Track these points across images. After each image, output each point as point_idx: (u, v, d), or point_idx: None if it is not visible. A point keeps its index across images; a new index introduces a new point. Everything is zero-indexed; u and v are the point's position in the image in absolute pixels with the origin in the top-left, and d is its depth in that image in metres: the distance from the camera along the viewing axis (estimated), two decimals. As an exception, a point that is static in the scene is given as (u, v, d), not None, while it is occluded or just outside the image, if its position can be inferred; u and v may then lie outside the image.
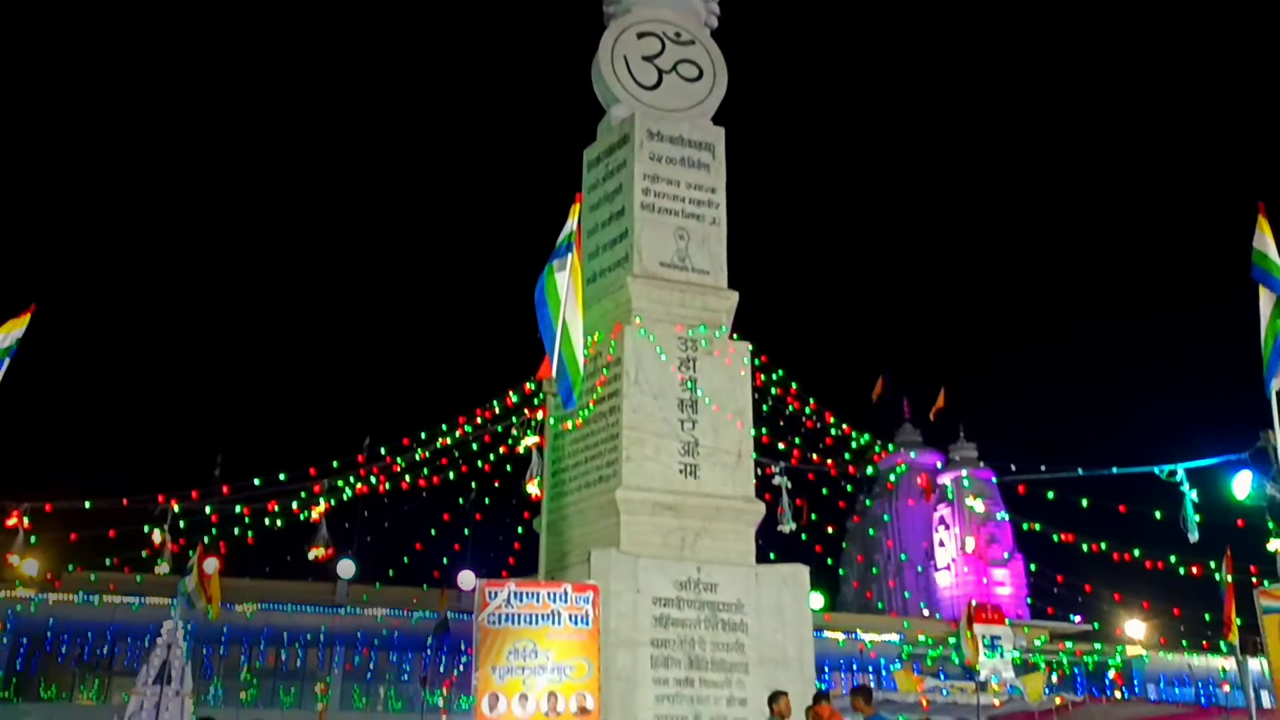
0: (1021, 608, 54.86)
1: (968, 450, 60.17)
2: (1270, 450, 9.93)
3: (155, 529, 18.55)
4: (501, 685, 8.32)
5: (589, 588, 8.88)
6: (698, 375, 15.26)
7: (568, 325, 9.74)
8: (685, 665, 13.44)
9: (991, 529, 58.87)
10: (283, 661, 36.75)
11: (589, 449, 15.36)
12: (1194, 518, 14.02)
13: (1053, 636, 46.43)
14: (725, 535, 14.67)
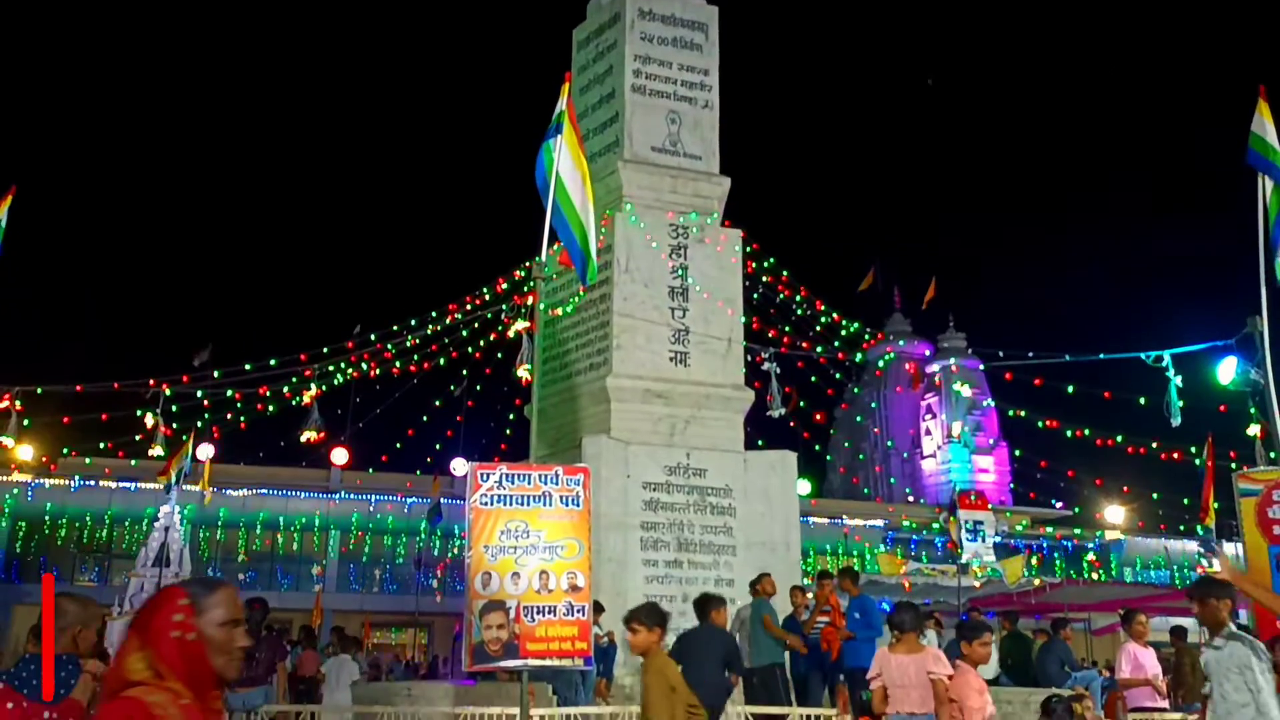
0: (1005, 494, 55.91)
1: (957, 340, 60.49)
2: (1256, 336, 9.97)
3: (148, 413, 18.62)
4: (494, 564, 8.47)
5: (580, 470, 8.98)
6: (688, 263, 15.19)
7: (574, 203, 9.62)
8: (674, 548, 13.74)
9: (977, 417, 59.60)
10: (279, 545, 37.40)
11: (580, 337, 15.39)
12: (1177, 403, 14.17)
13: (1034, 522, 47.44)
14: (714, 422, 14.82)
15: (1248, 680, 5.85)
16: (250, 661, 9.27)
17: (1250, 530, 9.42)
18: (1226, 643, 6.03)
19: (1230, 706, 5.89)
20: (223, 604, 2.75)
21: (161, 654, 2.68)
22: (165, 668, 2.67)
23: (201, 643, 2.70)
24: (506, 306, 17.51)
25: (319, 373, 18.62)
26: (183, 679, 2.67)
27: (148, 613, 2.76)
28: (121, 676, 2.67)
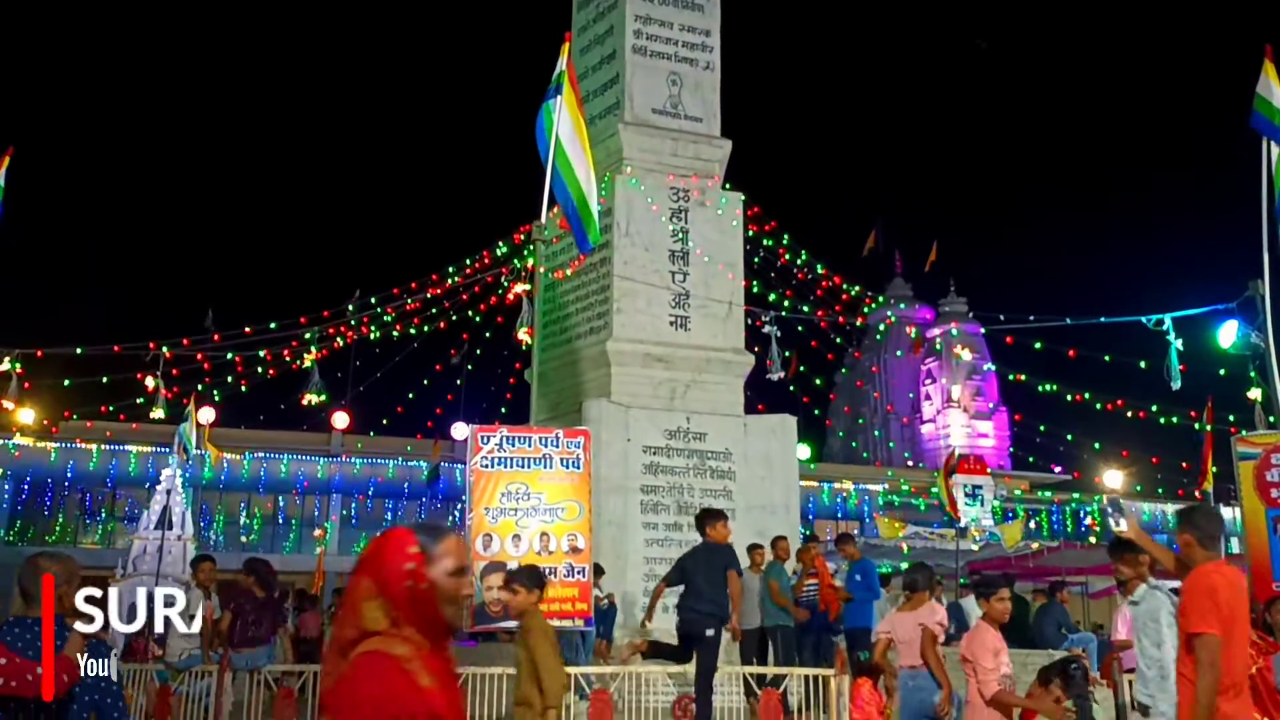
0: (1004, 459, 56.05)
1: (958, 304, 60.36)
2: (1258, 299, 9.95)
3: (149, 375, 18.64)
4: (495, 526, 8.52)
5: (580, 433, 9.01)
6: (689, 226, 15.13)
7: (574, 167, 9.56)
8: (674, 511, 13.79)
9: (977, 382, 59.66)
10: (281, 508, 37.59)
11: (580, 300, 15.37)
12: (1177, 366, 14.15)
13: (1032, 486, 47.64)
14: (715, 386, 14.83)
15: (1158, 634, 6.00)
16: (252, 622, 9.34)
17: (1248, 494, 9.45)
18: (1145, 597, 6.15)
19: (1148, 660, 6.03)
20: (451, 552, 2.66)
21: (396, 601, 2.59)
22: (400, 615, 2.58)
23: (433, 591, 2.60)
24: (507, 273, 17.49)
25: (319, 336, 18.62)
26: (418, 627, 2.60)
27: (376, 559, 2.66)
28: (359, 625, 2.58)
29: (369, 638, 2.56)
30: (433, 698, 2.53)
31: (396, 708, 2.46)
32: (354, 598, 2.61)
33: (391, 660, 2.51)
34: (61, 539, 35.29)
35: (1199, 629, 5.25)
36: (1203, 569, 5.44)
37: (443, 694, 2.56)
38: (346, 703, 2.47)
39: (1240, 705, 5.40)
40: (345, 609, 2.65)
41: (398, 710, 2.46)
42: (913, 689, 7.21)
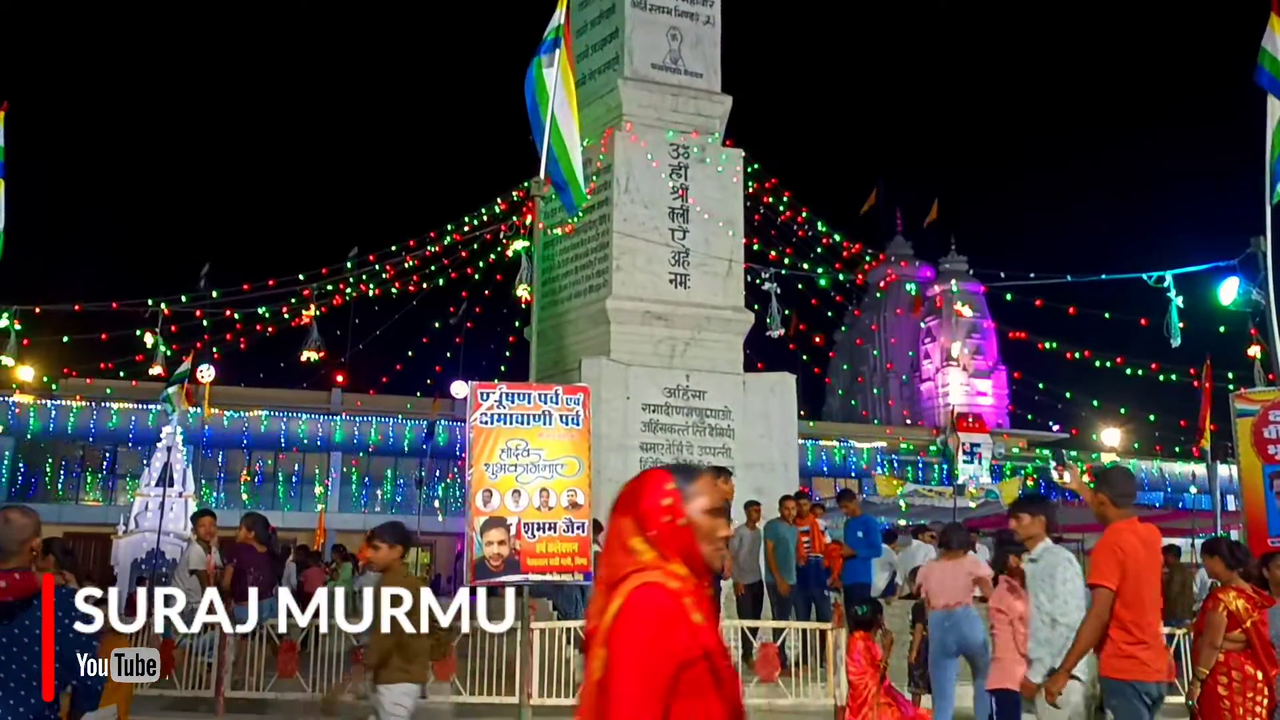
0: (1003, 418, 56.20)
1: (958, 263, 60.18)
2: (1259, 256, 9.92)
3: (147, 332, 18.60)
4: (495, 482, 8.55)
5: (579, 389, 9.02)
6: (689, 183, 15.05)
7: (560, 127, 9.46)
8: (673, 468, 13.84)
9: (977, 340, 59.66)
10: (281, 466, 37.73)
11: (579, 258, 15.32)
12: (1177, 324, 14.13)
13: (1030, 444, 47.81)
14: (714, 344, 14.83)
15: (1054, 590, 6.06)
16: (254, 576, 9.41)
17: (1245, 450, 9.48)
18: (1042, 555, 6.23)
19: (1042, 616, 6.09)
20: (706, 491, 2.67)
21: (657, 539, 2.61)
22: (665, 552, 2.59)
23: (690, 529, 2.62)
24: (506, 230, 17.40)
25: (317, 293, 18.57)
26: (682, 562, 2.60)
27: (634, 499, 2.67)
28: (628, 559, 2.59)
29: (639, 571, 2.56)
30: (705, 634, 2.54)
31: (673, 641, 2.47)
32: (619, 538, 2.63)
33: (668, 593, 2.52)
34: (63, 497, 35.46)
35: (1095, 581, 5.64)
36: (1114, 527, 5.78)
37: (711, 630, 2.57)
38: (623, 634, 2.47)
39: (1153, 654, 5.68)
40: (611, 550, 2.66)
41: (674, 643, 2.47)
42: (948, 628, 8.00)
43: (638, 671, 2.43)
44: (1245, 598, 7.48)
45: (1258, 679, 7.34)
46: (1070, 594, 6.09)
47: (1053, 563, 6.18)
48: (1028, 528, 6.34)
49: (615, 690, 2.42)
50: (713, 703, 2.49)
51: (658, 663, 2.44)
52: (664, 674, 2.43)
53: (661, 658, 2.45)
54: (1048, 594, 6.09)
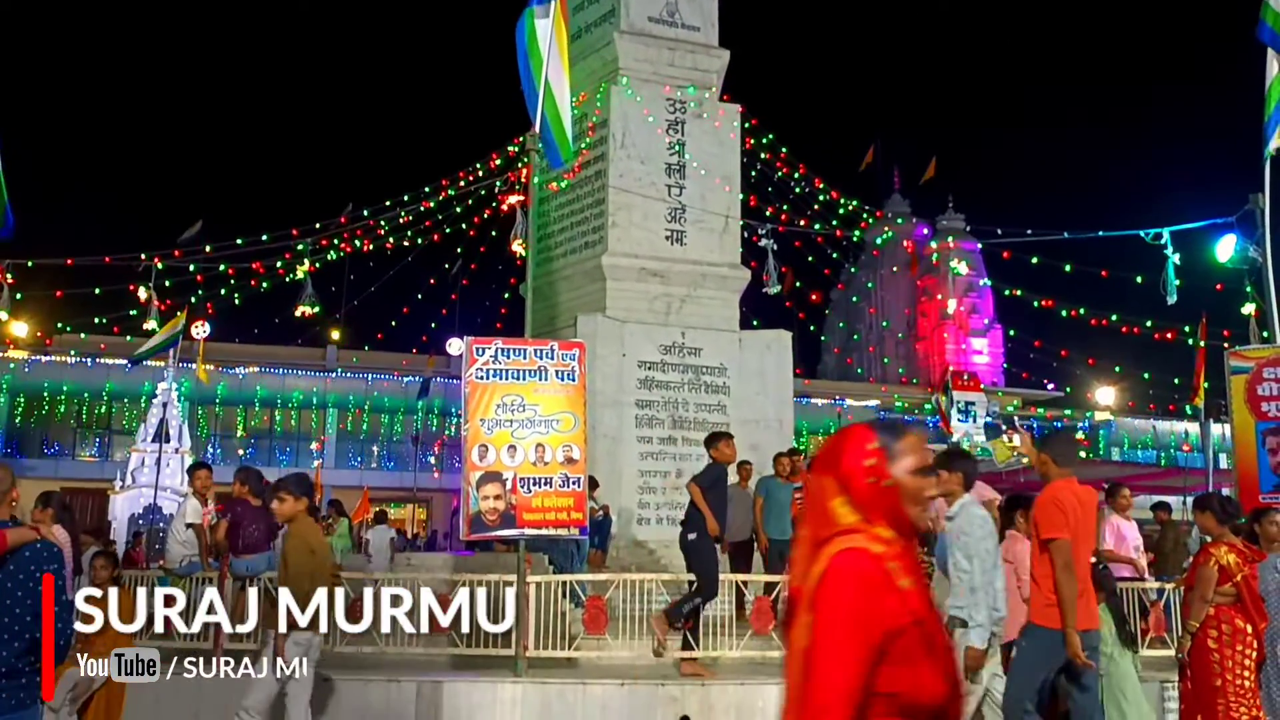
0: (998, 376, 56.39)
1: (955, 220, 60.09)
2: (1258, 213, 9.87)
3: (141, 286, 18.51)
4: (490, 437, 8.55)
5: (575, 345, 9.00)
6: (686, 139, 14.93)
7: (550, 81, 9.35)
8: (669, 425, 13.88)
9: (973, 299, 59.68)
10: (276, 422, 37.80)
11: (575, 214, 15.23)
12: (1174, 281, 14.10)
13: (1025, 403, 47.99)
14: (710, 301, 14.78)
15: (968, 548, 6.06)
16: (251, 529, 9.44)
17: (1239, 408, 9.51)
18: (960, 512, 6.20)
19: (958, 574, 6.11)
20: (913, 450, 2.56)
21: (860, 500, 2.51)
22: (868, 513, 2.50)
23: (896, 490, 2.51)
24: (500, 181, 17.29)
25: (311, 248, 18.47)
26: (887, 524, 2.50)
27: (835, 457, 2.57)
28: (831, 523, 2.50)
29: (843, 534, 2.47)
30: (914, 600, 2.45)
31: (879, 608, 2.39)
32: (820, 498, 2.54)
33: (873, 558, 2.43)
34: (59, 453, 35.52)
35: (1050, 534, 5.93)
36: (1054, 484, 6.19)
37: (921, 596, 2.49)
38: (826, 602, 2.39)
39: (1085, 603, 6.04)
40: (812, 510, 2.57)
41: (880, 611, 2.38)
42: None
43: (840, 641, 2.35)
44: (1236, 552, 7.55)
45: (1247, 632, 7.43)
46: (983, 553, 6.06)
47: (969, 521, 6.15)
48: (945, 484, 6.24)
49: (817, 660, 2.35)
50: (924, 670, 2.42)
51: (862, 631, 2.35)
52: (869, 643, 2.35)
53: (866, 626, 2.36)
54: (963, 551, 6.09)
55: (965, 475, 6.31)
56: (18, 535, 4.05)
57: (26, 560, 4.05)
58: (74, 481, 31.09)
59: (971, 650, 5.94)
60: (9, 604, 3.95)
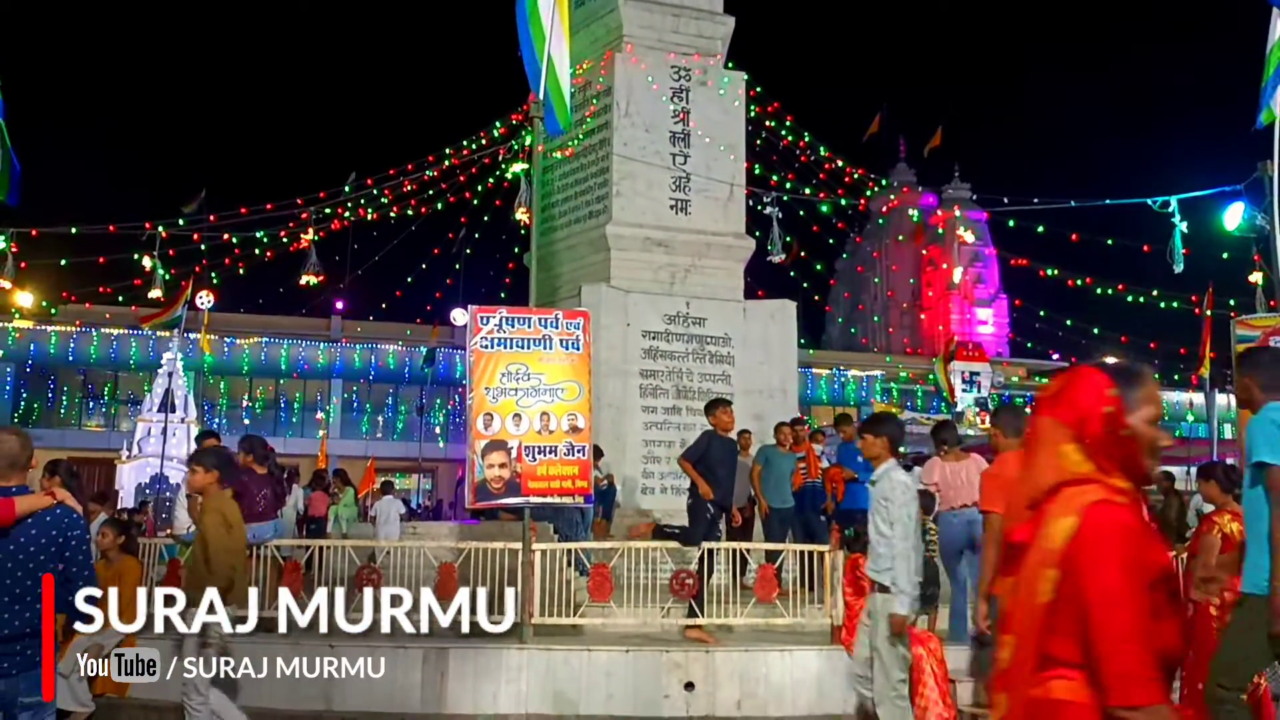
0: (1003, 347, 56.31)
1: (961, 190, 59.81)
2: (1266, 180, 9.80)
3: (145, 255, 18.48)
4: (495, 405, 8.58)
5: (580, 314, 9.00)
6: (690, 107, 14.83)
7: (549, 46, 9.28)
8: (673, 395, 13.88)
9: (979, 269, 59.52)
10: (282, 393, 37.90)
11: (579, 183, 15.17)
12: (1181, 249, 14.01)
13: (1030, 373, 47.93)
14: (715, 271, 14.74)
15: (890, 513, 6.06)
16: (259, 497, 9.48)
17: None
18: (883, 477, 6.21)
19: (878, 538, 6.14)
20: (1152, 399, 2.42)
21: (1097, 447, 2.38)
22: (1105, 461, 2.37)
23: (1133, 439, 2.38)
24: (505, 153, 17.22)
25: (315, 217, 18.42)
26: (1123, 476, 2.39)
27: (1066, 399, 2.44)
28: (1059, 467, 2.39)
29: (1077, 485, 2.37)
30: (1163, 554, 2.40)
31: (1145, 561, 2.29)
32: (1047, 438, 2.42)
33: (1126, 511, 2.32)
34: (65, 422, 35.66)
35: (986, 507, 6.33)
36: (1001, 457, 6.56)
37: (1165, 550, 2.42)
38: (1100, 554, 2.28)
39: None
40: (1037, 452, 2.45)
41: (1146, 564, 2.29)
42: (958, 525, 8.38)
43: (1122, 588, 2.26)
44: (1240, 520, 7.57)
45: (1248, 599, 7.46)
46: (905, 518, 6.06)
47: (891, 486, 6.14)
48: (870, 447, 6.28)
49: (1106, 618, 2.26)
50: (1170, 626, 2.35)
51: (1139, 585, 2.28)
52: (1145, 597, 2.28)
53: (1140, 580, 2.28)
54: (884, 517, 6.09)
55: (891, 440, 6.28)
56: (30, 502, 4.06)
57: (48, 525, 4.06)
58: (80, 451, 31.25)
59: (895, 617, 5.98)
60: (31, 568, 3.98)
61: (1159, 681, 2.27)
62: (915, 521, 6.14)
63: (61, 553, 4.06)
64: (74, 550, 4.09)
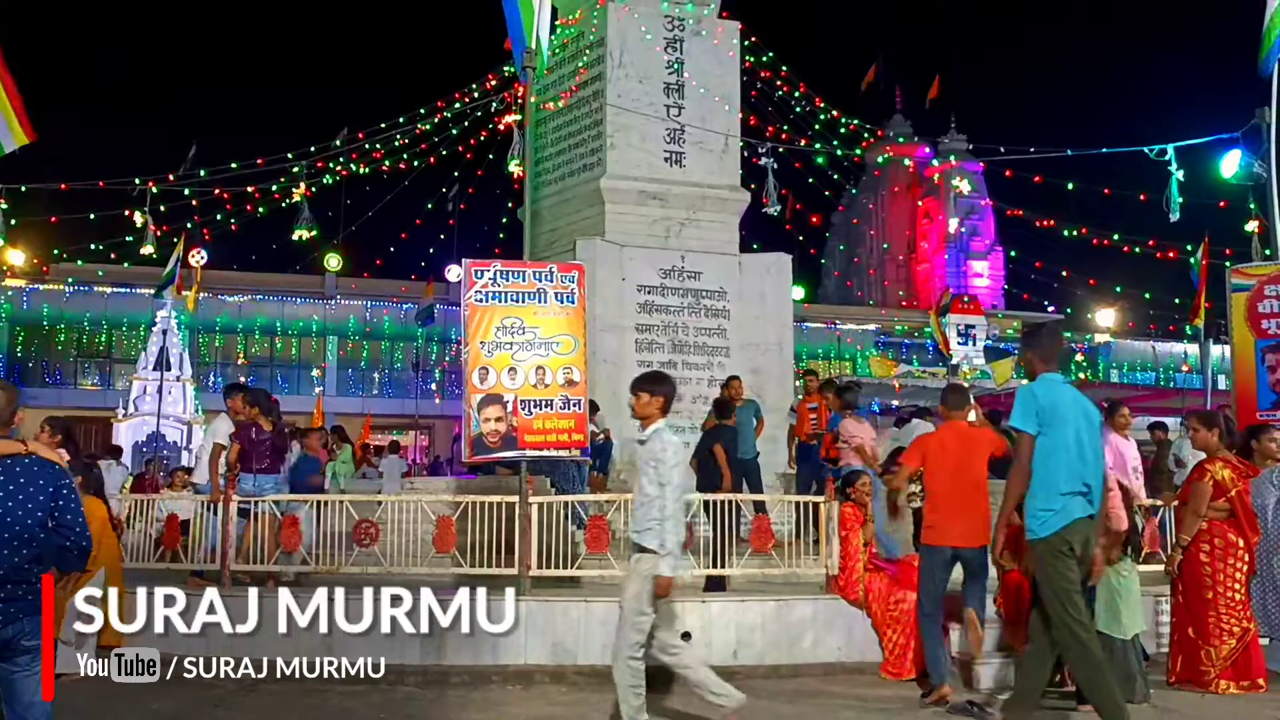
0: (998, 299, 56.28)
1: (958, 141, 59.41)
2: (1264, 128, 9.75)
3: (136, 211, 18.32)
4: (490, 360, 8.57)
5: (574, 267, 8.97)
6: (685, 58, 14.68)
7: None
8: (669, 349, 13.89)
9: (975, 221, 59.32)
10: (276, 350, 37.84)
11: (572, 136, 15.05)
12: (1177, 198, 13.97)
13: (1025, 325, 47.93)
14: (710, 225, 14.67)
15: (660, 474, 5.89)
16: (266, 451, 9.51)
17: (1239, 325, 9.52)
18: (651, 437, 6.04)
19: (643, 499, 5.97)
20: None
21: None
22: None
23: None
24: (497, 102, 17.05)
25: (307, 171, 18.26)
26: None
27: None
28: None
29: None
30: None
31: None
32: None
33: None
34: (60, 382, 35.63)
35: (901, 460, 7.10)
36: (943, 427, 7.76)
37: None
38: None
39: (969, 523, 7.16)
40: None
41: None
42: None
43: None
44: (1231, 468, 7.63)
45: (1239, 545, 7.55)
46: (676, 479, 5.90)
47: (661, 446, 5.97)
48: (645, 407, 6.09)
49: None
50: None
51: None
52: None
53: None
54: (652, 479, 5.91)
55: (665, 399, 6.12)
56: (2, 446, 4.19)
57: (35, 474, 4.18)
58: (76, 410, 31.22)
59: (662, 579, 5.81)
60: (12, 506, 4.09)
61: None
62: (685, 483, 5.98)
63: (53, 501, 4.19)
64: (65, 500, 4.21)
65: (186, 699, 6.78)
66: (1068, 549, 5.73)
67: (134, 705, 6.60)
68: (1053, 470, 5.75)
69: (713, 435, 10.16)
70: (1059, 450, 5.75)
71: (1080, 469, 5.79)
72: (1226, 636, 7.49)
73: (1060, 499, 5.74)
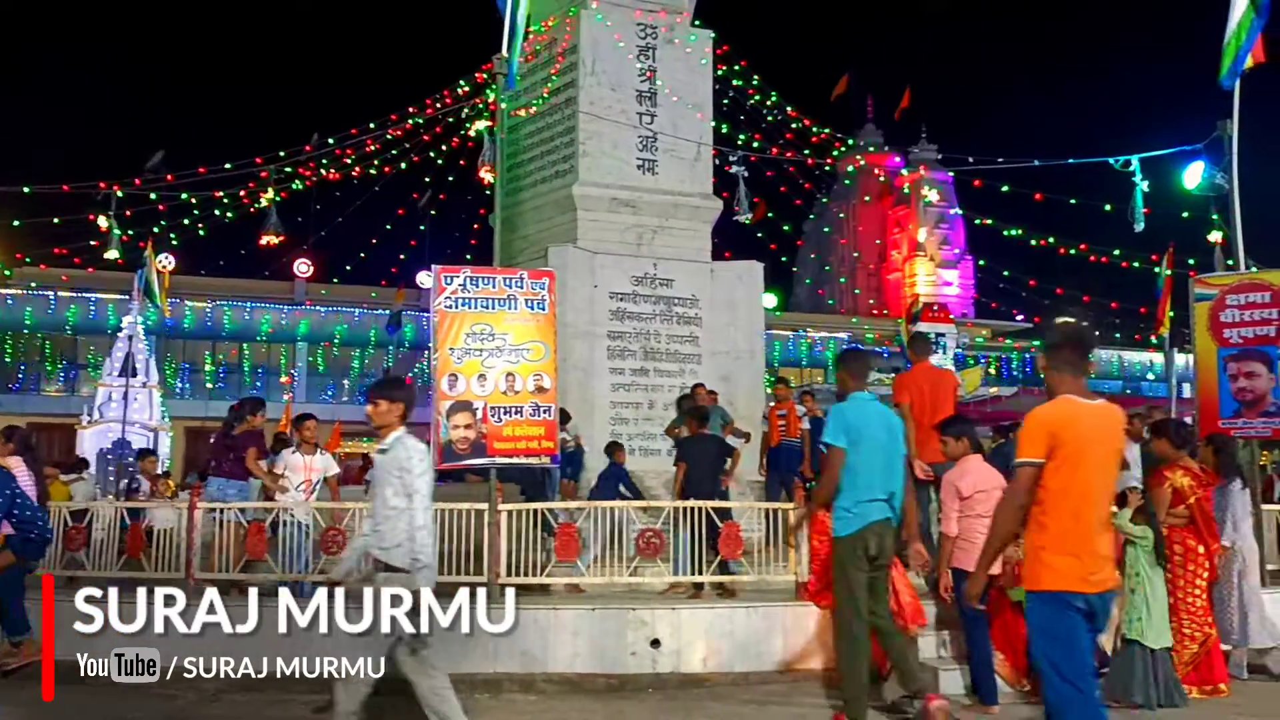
0: (968, 308, 56.78)
1: (929, 151, 59.89)
2: (1225, 139, 9.90)
3: (101, 215, 18.06)
4: (460, 366, 8.55)
5: (545, 274, 8.96)
6: (657, 65, 14.72)
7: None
8: (640, 356, 13.90)
9: (945, 230, 59.81)
10: (246, 356, 37.55)
11: (544, 143, 15.04)
12: (1141, 208, 14.16)
13: (994, 334, 48.41)
14: (682, 232, 14.70)
15: (407, 483, 5.55)
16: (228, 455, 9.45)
17: (1201, 334, 9.62)
18: (393, 446, 5.73)
19: (388, 512, 5.60)
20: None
21: None
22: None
23: None
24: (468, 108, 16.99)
25: (276, 177, 18.11)
26: None
27: None
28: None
29: None
30: None
31: None
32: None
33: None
34: (24, 388, 35.16)
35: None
36: (919, 365, 9.36)
37: None
38: None
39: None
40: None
41: None
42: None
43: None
44: (1191, 475, 7.72)
45: (1199, 552, 7.64)
46: (424, 487, 5.56)
47: (406, 455, 5.63)
48: (383, 415, 5.80)
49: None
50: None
51: None
52: None
53: None
54: (394, 488, 5.59)
55: (405, 406, 5.86)
56: None
57: None
58: (40, 416, 30.84)
59: (420, 594, 5.37)
60: None
61: None
62: (424, 494, 5.56)
63: (9, 505, 4.48)
64: (20, 498, 4.54)
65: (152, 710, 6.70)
66: (863, 548, 6.54)
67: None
68: (858, 478, 6.55)
69: (718, 446, 10.67)
70: (864, 461, 6.55)
71: (883, 478, 6.62)
72: (1189, 641, 7.57)
73: (861, 505, 6.56)
